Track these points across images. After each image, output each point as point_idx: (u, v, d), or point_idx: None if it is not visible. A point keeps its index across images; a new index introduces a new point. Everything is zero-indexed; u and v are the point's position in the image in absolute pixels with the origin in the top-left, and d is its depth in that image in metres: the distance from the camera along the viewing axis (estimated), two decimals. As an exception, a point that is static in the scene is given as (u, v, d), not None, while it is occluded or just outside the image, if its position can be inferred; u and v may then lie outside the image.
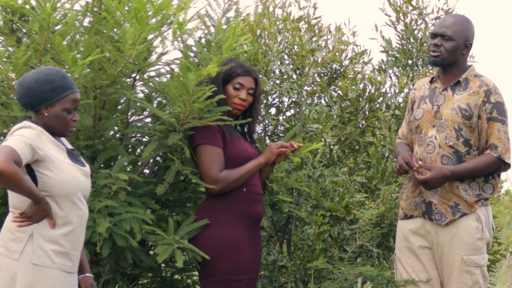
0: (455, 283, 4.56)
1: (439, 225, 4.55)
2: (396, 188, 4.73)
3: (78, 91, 3.69)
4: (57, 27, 4.44)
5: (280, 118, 5.66)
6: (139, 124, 4.72)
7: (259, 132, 5.60)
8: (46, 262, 3.59)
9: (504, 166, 4.60)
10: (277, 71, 5.63)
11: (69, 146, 3.82)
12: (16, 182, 3.43)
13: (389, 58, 6.14)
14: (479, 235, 4.56)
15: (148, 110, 4.67)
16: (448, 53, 4.57)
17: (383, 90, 5.91)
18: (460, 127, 4.54)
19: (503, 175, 12.98)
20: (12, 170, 3.40)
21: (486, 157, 4.55)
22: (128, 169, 4.69)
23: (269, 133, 5.61)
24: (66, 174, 3.63)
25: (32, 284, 3.58)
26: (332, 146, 5.92)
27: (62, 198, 3.61)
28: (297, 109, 5.68)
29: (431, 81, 4.72)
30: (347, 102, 5.83)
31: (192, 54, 4.79)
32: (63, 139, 3.81)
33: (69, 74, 4.01)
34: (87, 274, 3.86)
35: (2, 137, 4.49)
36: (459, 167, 4.51)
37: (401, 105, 5.93)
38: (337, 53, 5.88)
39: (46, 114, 3.64)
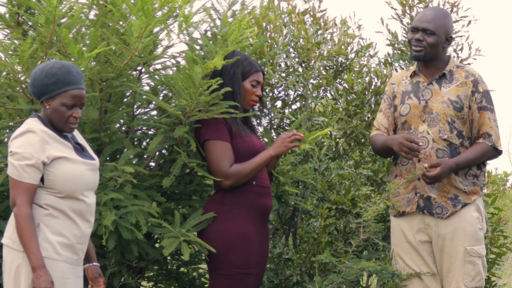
0: (458, 275, 4.57)
1: (440, 218, 4.56)
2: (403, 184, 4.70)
3: (82, 87, 3.67)
4: (63, 20, 4.43)
5: (286, 111, 5.66)
6: (145, 117, 4.71)
7: (265, 125, 5.60)
8: (52, 254, 3.60)
9: (496, 153, 4.67)
10: (282, 64, 5.62)
11: (80, 140, 3.82)
12: (24, 233, 3.54)
13: (395, 51, 6.13)
14: (480, 225, 4.61)
15: (154, 103, 4.67)
16: (431, 48, 4.59)
17: (389, 83, 5.90)
18: (453, 120, 4.56)
19: (509, 169, 12.96)
20: (28, 215, 3.56)
21: (481, 146, 4.60)
22: (134, 162, 4.69)
23: (275, 126, 5.61)
24: (71, 172, 3.63)
25: None
26: (338, 139, 5.91)
27: (66, 195, 3.63)
28: (303, 102, 5.67)
29: (412, 76, 4.71)
30: (353, 95, 5.82)
31: (198, 47, 4.79)
32: (75, 132, 3.82)
33: (82, 69, 4.01)
34: (94, 263, 3.87)
35: (7, 130, 4.50)
36: (461, 158, 4.54)
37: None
38: (342, 46, 5.87)
39: (47, 107, 3.66)
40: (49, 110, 3.66)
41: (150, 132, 4.79)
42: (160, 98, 4.74)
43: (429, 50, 4.59)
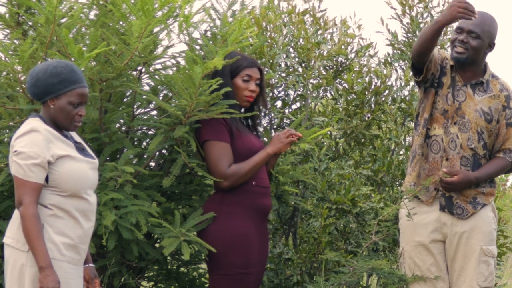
0: (472, 274, 4.56)
1: (461, 219, 4.57)
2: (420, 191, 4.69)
3: (86, 86, 3.68)
4: (63, 20, 4.43)
5: (286, 111, 5.66)
6: (145, 117, 4.71)
7: (265, 125, 5.60)
8: (56, 255, 3.60)
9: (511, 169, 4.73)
10: (282, 64, 5.62)
11: (78, 140, 3.82)
12: (31, 233, 3.51)
13: (395, 51, 6.13)
14: (494, 226, 4.66)
15: (154, 103, 4.67)
16: (473, 51, 4.52)
17: (389, 83, 5.90)
18: (482, 131, 4.56)
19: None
20: (34, 215, 3.52)
21: (502, 161, 4.64)
22: (134, 162, 4.69)
23: (275, 126, 5.61)
24: (76, 170, 3.63)
25: None
26: (338, 139, 5.92)
27: (71, 194, 3.63)
28: (303, 102, 5.67)
29: (451, 68, 4.64)
30: (353, 95, 5.82)
31: (197, 47, 4.79)
32: (72, 132, 3.82)
33: (82, 69, 4.01)
34: (90, 265, 3.87)
35: (7, 130, 4.50)
36: (481, 173, 4.58)
37: (407, 98, 5.92)
38: (342, 46, 5.87)
39: (51, 106, 3.65)
40: (54, 110, 3.65)
41: (150, 132, 4.79)
42: (160, 98, 4.74)
43: (471, 53, 4.51)
